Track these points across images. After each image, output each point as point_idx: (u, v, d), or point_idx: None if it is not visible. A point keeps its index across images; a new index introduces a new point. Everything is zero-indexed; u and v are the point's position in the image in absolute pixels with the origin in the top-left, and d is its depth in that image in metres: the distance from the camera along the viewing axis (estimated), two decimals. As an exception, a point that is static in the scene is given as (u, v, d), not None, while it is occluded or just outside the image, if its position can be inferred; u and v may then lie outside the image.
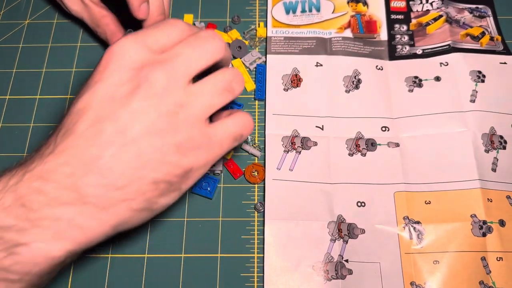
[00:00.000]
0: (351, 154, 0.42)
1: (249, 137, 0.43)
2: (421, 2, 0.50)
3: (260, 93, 0.45)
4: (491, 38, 0.47)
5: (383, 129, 0.43)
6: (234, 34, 0.48)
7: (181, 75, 0.28)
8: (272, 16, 0.49)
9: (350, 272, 0.38)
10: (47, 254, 0.24)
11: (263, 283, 0.38)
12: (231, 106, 0.44)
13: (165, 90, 0.27)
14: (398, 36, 0.48)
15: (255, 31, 0.49)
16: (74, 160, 0.25)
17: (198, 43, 0.29)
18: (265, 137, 0.43)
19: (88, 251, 0.29)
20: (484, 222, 0.38)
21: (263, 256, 0.39)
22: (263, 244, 0.39)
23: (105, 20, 0.45)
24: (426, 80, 0.45)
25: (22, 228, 0.24)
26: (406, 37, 0.48)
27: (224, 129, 0.30)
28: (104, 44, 0.49)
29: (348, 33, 0.48)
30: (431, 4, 0.50)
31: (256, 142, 0.44)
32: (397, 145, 0.42)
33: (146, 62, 0.28)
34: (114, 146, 0.26)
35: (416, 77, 0.45)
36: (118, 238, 0.40)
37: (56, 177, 0.25)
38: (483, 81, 0.44)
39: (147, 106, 0.27)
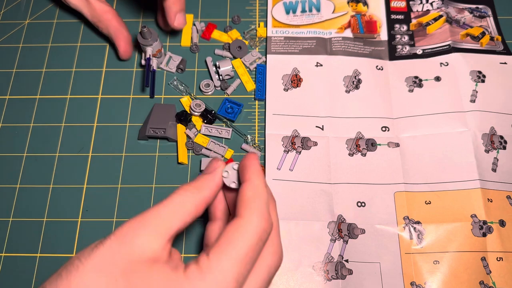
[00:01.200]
0: (351, 154, 0.42)
1: (249, 137, 0.43)
2: (421, 2, 0.50)
3: (260, 93, 0.45)
4: (491, 38, 0.47)
5: (383, 129, 0.43)
6: (234, 34, 0.48)
7: None
8: (272, 16, 0.49)
9: (350, 272, 0.38)
10: None
11: (263, 283, 0.38)
12: (231, 105, 0.44)
13: None
14: (398, 36, 0.48)
15: (255, 31, 0.49)
16: None
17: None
18: (265, 137, 0.43)
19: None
20: (484, 222, 0.38)
21: (263, 256, 0.39)
22: (263, 244, 0.39)
23: (107, 16, 0.45)
24: (426, 80, 0.45)
25: None
26: (406, 37, 0.48)
27: None
28: (102, 42, 0.49)
29: (348, 33, 0.48)
30: (431, 4, 0.50)
31: (256, 142, 0.43)
32: (397, 145, 0.42)
33: None
34: None
35: (416, 77, 0.45)
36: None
37: None
38: (483, 81, 0.44)
39: None
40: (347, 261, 0.38)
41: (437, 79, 0.45)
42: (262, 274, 0.27)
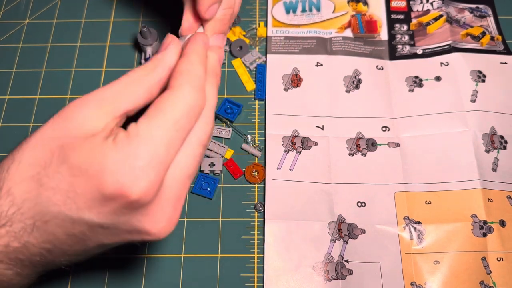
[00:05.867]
0: (351, 154, 0.42)
1: (249, 136, 0.43)
2: (422, 2, 0.50)
3: (260, 93, 0.45)
4: (492, 38, 0.47)
5: (384, 129, 0.43)
6: (238, 30, 0.48)
7: None
8: (272, 16, 0.49)
9: (351, 272, 0.38)
10: None
11: (263, 283, 0.38)
12: (230, 106, 0.44)
13: None
14: (399, 36, 0.48)
15: (255, 30, 0.49)
16: None
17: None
18: (265, 137, 0.43)
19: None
20: (485, 222, 0.38)
21: (263, 256, 0.39)
22: (263, 244, 0.39)
23: None
24: (426, 80, 0.45)
25: None
26: (407, 37, 0.48)
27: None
28: (102, 42, 0.49)
29: (348, 32, 0.48)
30: (431, 3, 0.50)
31: (256, 142, 0.43)
32: (398, 145, 0.42)
33: None
34: None
35: (416, 77, 0.45)
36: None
37: None
38: (483, 81, 0.44)
39: None
40: (347, 261, 0.38)
41: (438, 79, 0.45)
42: (193, 144, 0.28)
